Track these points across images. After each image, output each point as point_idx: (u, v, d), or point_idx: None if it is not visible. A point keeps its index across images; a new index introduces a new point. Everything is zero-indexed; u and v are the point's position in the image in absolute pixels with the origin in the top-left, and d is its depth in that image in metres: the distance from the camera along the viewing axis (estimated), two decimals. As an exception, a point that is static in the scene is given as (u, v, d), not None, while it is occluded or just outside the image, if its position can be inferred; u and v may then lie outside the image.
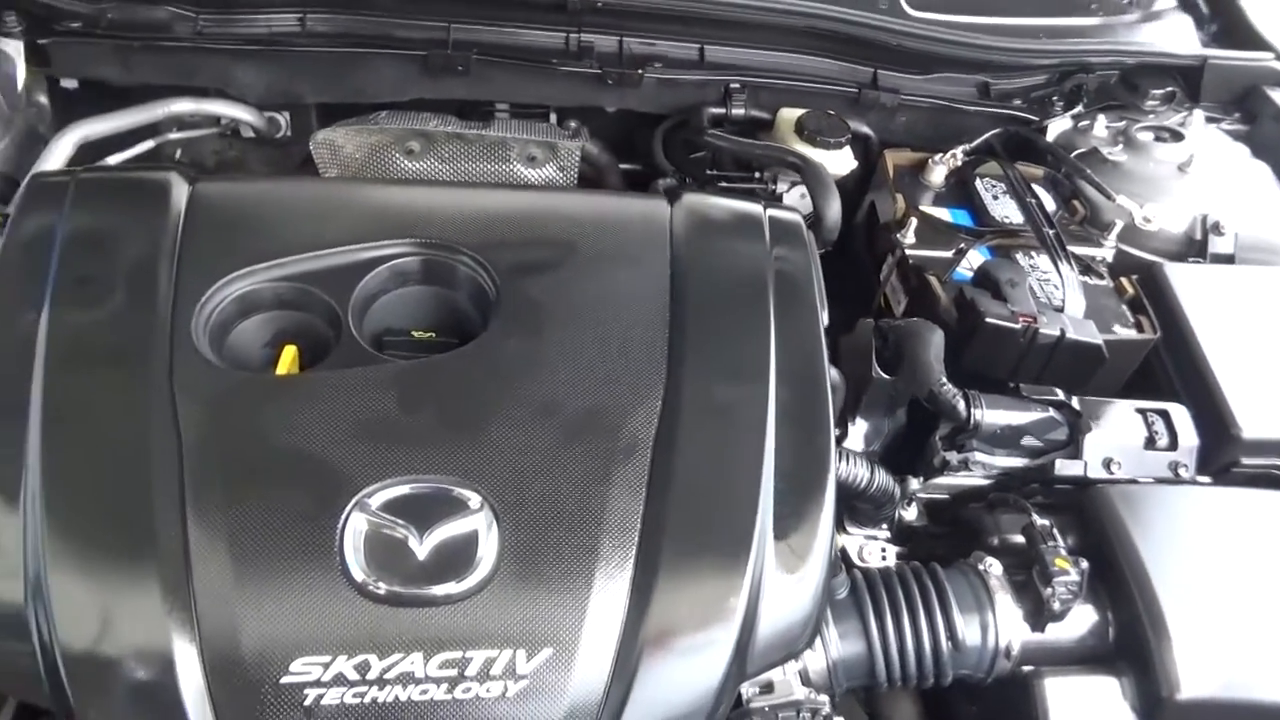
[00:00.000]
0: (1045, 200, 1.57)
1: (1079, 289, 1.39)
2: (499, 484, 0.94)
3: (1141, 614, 1.10)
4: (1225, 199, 1.59)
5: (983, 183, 1.61)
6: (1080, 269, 1.45)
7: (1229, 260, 1.55)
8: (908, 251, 1.48)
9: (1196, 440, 1.29)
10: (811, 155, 1.52)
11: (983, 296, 1.34)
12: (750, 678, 1.00)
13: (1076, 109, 1.74)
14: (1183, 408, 1.32)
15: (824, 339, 1.14)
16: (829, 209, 1.42)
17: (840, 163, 1.58)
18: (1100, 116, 1.71)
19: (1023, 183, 1.59)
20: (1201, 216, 1.56)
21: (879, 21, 1.61)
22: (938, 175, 1.61)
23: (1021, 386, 1.30)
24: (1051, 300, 1.39)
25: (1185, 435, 1.29)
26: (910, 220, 1.50)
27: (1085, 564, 1.12)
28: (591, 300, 1.11)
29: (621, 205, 1.30)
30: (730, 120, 1.64)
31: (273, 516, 0.90)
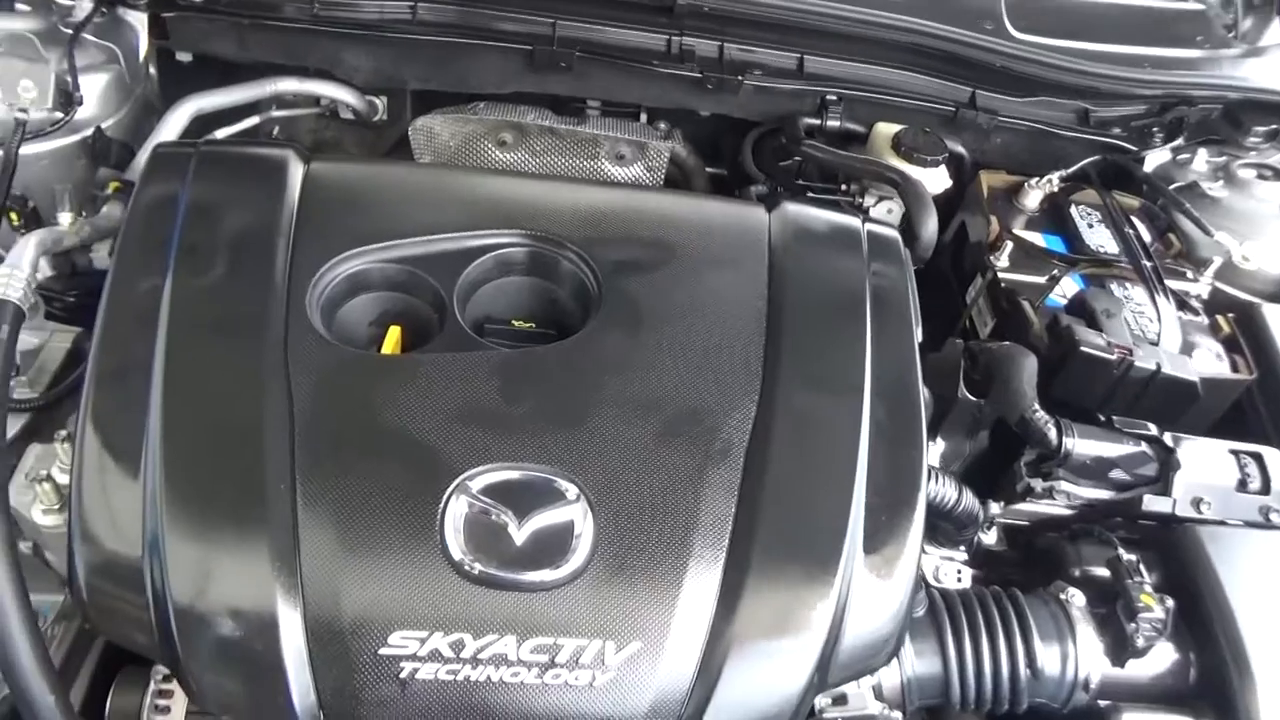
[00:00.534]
0: (1141, 232, 1.55)
1: (1176, 323, 1.38)
2: (596, 477, 0.96)
3: (1226, 656, 1.09)
4: (1327, 242, 1.55)
5: (1077, 210, 1.60)
6: (1175, 303, 1.43)
7: (1326, 305, 1.51)
8: (1000, 274, 1.47)
9: (1289, 486, 1.27)
10: (908, 171, 1.52)
11: (1078, 325, 1.33)
12: (830, 689, 1.00)
13: (1177, 141, 1.72)
14: (1277, 452, 1.29)
15: (918, 356, 1.14)
16: (925, 226, 1.41)
17: (935, 181, 1.57)
18: (1201, 150, 1.69)
19: (1120, 212, 1.57)
20: (1301, 258, 1.53)
21: (985, 42, 1.59)
22: (1032, 199, 1.60)
23: (1114, 419, 1.28)
24: (1145, 333, 1.37)
25: (1278, 479, 1.27)
26: (1005, 243, 1.49)
27: (1171, 602, 1.11)
28: (690, 302, 1.12)
29: (721, 210, 1.30)
30: (824, 131, 1.64)
31: (378, 491, 0.92)
